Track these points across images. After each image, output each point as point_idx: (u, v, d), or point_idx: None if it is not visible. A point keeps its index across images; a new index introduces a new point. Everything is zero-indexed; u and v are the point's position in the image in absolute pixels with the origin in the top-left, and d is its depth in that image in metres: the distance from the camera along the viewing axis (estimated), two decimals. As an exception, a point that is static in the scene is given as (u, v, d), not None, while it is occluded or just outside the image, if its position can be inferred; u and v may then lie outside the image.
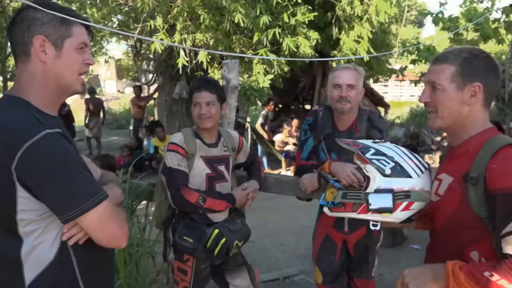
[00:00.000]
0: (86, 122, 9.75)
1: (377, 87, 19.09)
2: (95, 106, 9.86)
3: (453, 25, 6.94)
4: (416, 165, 1.54)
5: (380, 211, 1.51)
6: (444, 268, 1.30)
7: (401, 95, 24.29)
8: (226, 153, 2.42)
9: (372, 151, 1.57)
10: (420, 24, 36.40)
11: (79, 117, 15.46)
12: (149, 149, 8.22)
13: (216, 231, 2.24)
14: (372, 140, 1.69)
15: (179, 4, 6.34)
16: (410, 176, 1.51)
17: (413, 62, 7.66)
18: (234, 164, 2.52)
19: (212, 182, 2.32)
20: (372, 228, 1.60)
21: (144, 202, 3.26)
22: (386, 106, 10.44)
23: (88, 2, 12.55)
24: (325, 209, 1.69)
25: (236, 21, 5.84)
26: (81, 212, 1.13)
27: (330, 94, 2.38)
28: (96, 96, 10.46)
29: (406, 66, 9.34)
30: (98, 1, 8.06)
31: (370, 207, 1.52)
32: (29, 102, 1.20)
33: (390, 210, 1.50)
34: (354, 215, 1.60)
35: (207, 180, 2.31)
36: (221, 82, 2.71)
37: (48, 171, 1.11)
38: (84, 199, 1.14)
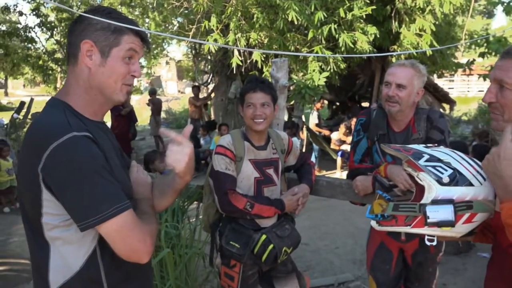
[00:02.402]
0: (150, 121, 10.87)
1: (442, 83, 18.13)
2: (155, 106, 10.81)
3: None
4: (477, 171, 1.35)
5: (439, 224, 1.33)
6: None
7: (468, 90, 22.91)
8: (275, 155, 2.33)
9: (426, 157, 1.40)
10: (490, 15, 34.08)
11: (143, 116, 16.21)
12: (211, 145, 8.40)
13: (264, 236, 2.16)
14: (424, 145, 1.52)
15: (233, 4, 6.34)
16: (471, 184, 1.32)
17: (482, 55, 7.11)
18: (284, 166, 2.44)
19: (260, 186, 2.24)
20: (428, 243, 1.41)
21: (195, 202, 3.27)
22: (452, 103, 9.79)
23: (150, 6, 13.01)
24: (373, 223, 1.53)
25: (290, 19, 5.73)
26: (103, 219, 1.09)
27: (382, 93, 2.23)
28: (157, 97, 11.40)
29: (474, 60, 8.71)
30: (154, 4, 8.30)
31: (429, 220, 1.33)
32: (68, 105, 1.20)
33: (451, 224, 1.32)
34: (407, 229, 1.42)
35: (255, 184, 2.24)
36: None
37: (70, 174, 1.09)
38: (107, 206, 1.10)
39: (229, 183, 2.16)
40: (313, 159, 8.45)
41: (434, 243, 1.40)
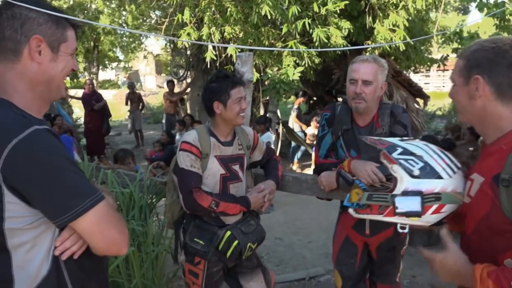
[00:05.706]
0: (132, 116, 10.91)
1: (418, 78, 18.39)
2: (133, 101, 10.79)
3: (501, 12, 6.46)
4: (448, 164, 1.42)
5: (407, 215, 1.42)
6: (473, 272, 1.22)
7: (443, 85, 23.27)
8: (241, 151, 2.32)
9: (399, 150, 1.47)
10: (465, 11, 34.72)
11: (121, 111, 15.96)
12: None
13: (228, 233, 2.15)
14: (399, 138, 1.58)
15: (207, -3, 6.27)
16: (440, 177, 1.40)
17: (455, 50, 7.26)
18: (250, 162, 2.42)
19: (226, 182, 2.22)
20: (400, 230, 1.50)
21: (164, 199, 3.22)
22: (426, 98, 9.93)
23: (127, -1, 12.70)
24: (351, 211, 1.63)
25: (263, 13, 5.70)
26: (78, 213, 1.05)
27: (346, 90, 2.22)
28: (135, 91, 11.49)
29: (448, 55, 8.86)
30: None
31: (397, 210, 1.42)
32: (13, 104, 1.13)
33: (418, 214, 1.41)
34: (380, 217, 1.52)
35: (221, 181, 2.21)
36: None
37: (39, 171, 1.02)
38: (81, 200, 1.06)
39: (194, 181, 2.13)
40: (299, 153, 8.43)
41: (406, 231, 1.49)
